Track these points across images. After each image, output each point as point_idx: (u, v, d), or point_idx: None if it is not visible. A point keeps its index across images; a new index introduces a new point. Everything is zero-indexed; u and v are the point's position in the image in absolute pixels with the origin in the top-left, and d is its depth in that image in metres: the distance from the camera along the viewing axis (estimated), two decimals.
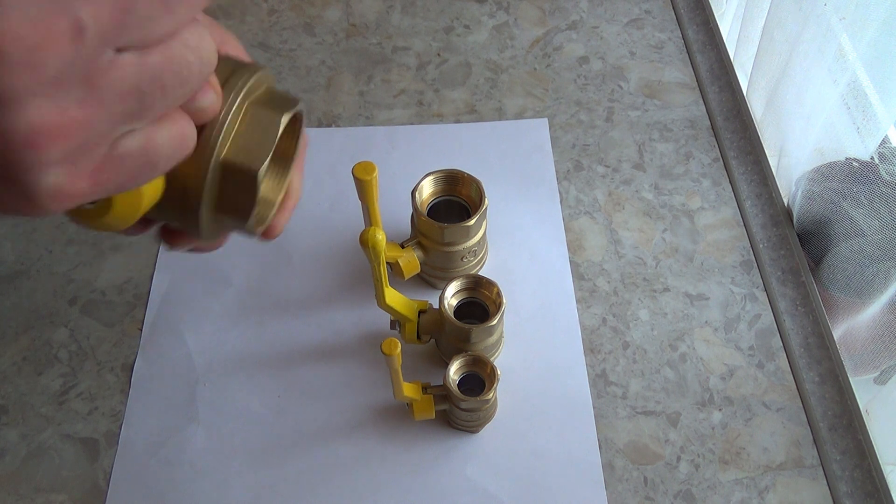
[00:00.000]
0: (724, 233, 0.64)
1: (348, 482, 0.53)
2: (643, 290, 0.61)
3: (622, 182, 0.68)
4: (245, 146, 0.32)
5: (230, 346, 0.59)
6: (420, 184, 0.56)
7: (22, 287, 0.62)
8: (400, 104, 0.73)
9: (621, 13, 0.80)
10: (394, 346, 0.44)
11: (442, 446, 0.54)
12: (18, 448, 0.55)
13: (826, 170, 0.64)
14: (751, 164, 0.69)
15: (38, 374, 0.58)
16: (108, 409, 0.56)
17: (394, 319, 0.54)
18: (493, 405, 0.53)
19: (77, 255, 0.64)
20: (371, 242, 0.44)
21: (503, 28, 0.79)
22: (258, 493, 0.53)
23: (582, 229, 0.65)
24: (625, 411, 0.56)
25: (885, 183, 0.60)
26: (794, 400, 0.56)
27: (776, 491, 0.53)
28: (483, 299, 0.54)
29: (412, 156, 0.69)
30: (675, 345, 0.59)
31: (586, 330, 0.59)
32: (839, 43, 0.59)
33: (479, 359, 0.52)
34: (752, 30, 0.74)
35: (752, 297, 0.61)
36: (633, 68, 0.76)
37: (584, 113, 0.72)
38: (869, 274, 0.62)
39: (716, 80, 0.75)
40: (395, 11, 0.80)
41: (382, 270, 0.48)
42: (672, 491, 0.53)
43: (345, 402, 0.56)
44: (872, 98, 0.60)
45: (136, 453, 0.54)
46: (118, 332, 0.60)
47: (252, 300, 0.61)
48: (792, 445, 0.54)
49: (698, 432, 0.55)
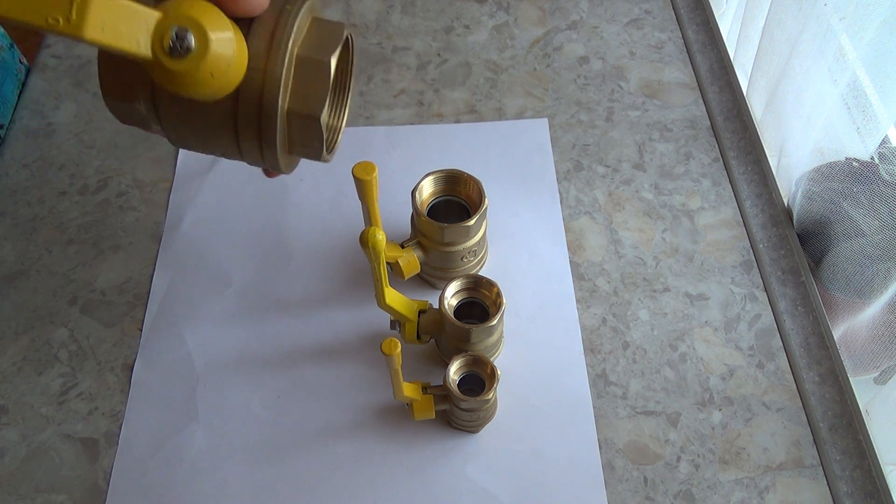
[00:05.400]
0: (724, 233, 0.64)
1: (348, 482, 0.53)
2: (643, 290, 0.61)
3: (622, 182, 0.68)
4: (304, 94, 0.36)
5: (230, 346, 0.59)
6: (420, 184, 0.56)
7: (22, 287, 0.62)
8: (400, 104, 0.73)
9: (621, 13, 0.80)
10: (394, 345, 0.44)
11: (442, 446, 0.54)
12: (18, 448, 0.55)
13: (826, 170, 0.64)
14: (751, 164, 0.69)
15: (38, 374, 0.58)
16: (108, 409, 0.56)
17: (394, 319, 0.54)
18: (493, 405, 0.53)
19: (77, 255, 0.64)
20: (371, 242, 0.44)
21: (503, 28, 0.79)
22: (258, 492, 0.53)
23: (582, 229, 0.65)
24: (625, 411, 0.56)
25: (885, 183, 0.60)
26: (794, 400, 0.56)
27: (776, 491, 0.53)
28: (483, 299, 0.54)
29: (412, 156, 0.69)
30: (675, 345, 0.59)
31: (586, 330, 0.59)
32: (839, 43, 0.59)
33: (479, 359, 0.52)
34: (752, 30, 0.74)
35: (752, 297, 0.61)
36: (633, 68, 0.76)
37: (584, 113, 0.72)
38: (869, 274, 0.62)
39: (716, 80, 0.75)
40: (395, 11, 0.80)
41: (382, 270, 0.48)
42: (672, 491, 0.53)
43: (345, 402, 0.56)
44: (872, 98, 0.60)
45: (136, 453, 0.54)
46: (118, 332, 0.60)
47: (252, 300, 0.61)
48: (792, 445, 0.54)
49: (698, 432, 0.55)
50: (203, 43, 0.32)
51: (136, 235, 0.65)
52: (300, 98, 0.37)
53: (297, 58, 0.37)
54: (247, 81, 0.36)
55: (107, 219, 0.66)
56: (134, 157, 0.69)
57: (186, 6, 0.32)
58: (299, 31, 0.37)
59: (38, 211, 0.66)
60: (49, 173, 0.68)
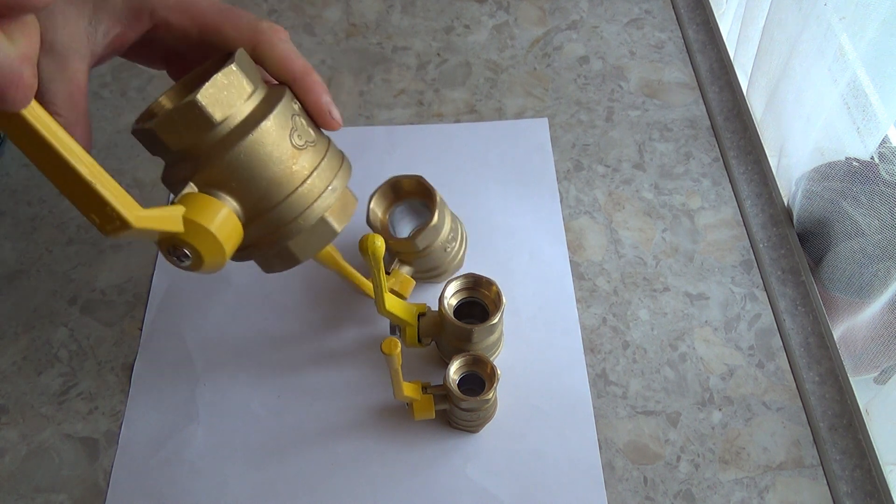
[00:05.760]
0: (724, 232, 0.64)
1: (348, 482, 0.53)
2: (643, 290, 0.61)
3: (622, 182, 0.68)
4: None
5: (230, 346, 0.59)
6: (369, 209, 0.56)
7: (22, 287, 0.62)
8: (400, 104, 0.73)
9: (621, 13, 0.80)
10: (394, 345, 0.44)
11: (442, 446, 0.54)
12: (18, 448, 0.55)
13: (826, 169, 0.64)
14: (751, 163, 0.69)
15: (38, 374, 0.58)
16: (108, 409, 0.56)
17: (394, 324, 0.54)
18: (493, 405, 0.53)
19: (77, 255, 0.64)
20: (371, 249, 0.44)
21: (503, 28, 0.79)
22: (258, 492, 0.53)
23: (582, 229, 0.65)
24: (625, 411, 0.56)
25: (885, 183, 0.60)
26: (794, 400, 0.56)
27: (776, 491, 0.53)
28: (482, 298, 0.54)
29: (412, 156, 0.69)
30: (675, 344, 0.59)
31: (586, 330, 0.59)
32: (839, 43, 0.59)
33: (479, 359, 0.52)
34: (752, 30, 0.74)
35: (752, 296, 0.61)
36: (633, 68, 0.76)
37: (584, 113, 0.72)
38: (869, 274, 0.62)
39: (716, 80, 0.75)
40: (395, 11, 0.80)
41: (382, 277, 0.48)
42: (672, 491, 0.53)
43: (345, 402, 0.56)
44: (872, 98, 0.60)
45: (136, 453, 0.54)
46: (118, 332, 0.60)
47: (252, 300, 0.61)
48: (792, 445, 0.54)
49: (698, 432, 0.55)
50: (198, 259, 0.39)
51: None
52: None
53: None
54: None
55: None
56: (134, 157, 0.69)
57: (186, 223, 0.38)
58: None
59: (38, 211, 0.66)
60: None
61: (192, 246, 0.38)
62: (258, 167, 0.40)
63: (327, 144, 0.44)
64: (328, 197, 0.43)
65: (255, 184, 0.40)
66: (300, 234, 0.42)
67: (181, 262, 0.39)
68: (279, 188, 0.41)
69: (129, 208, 0.34)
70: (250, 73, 0.41)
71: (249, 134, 0.39)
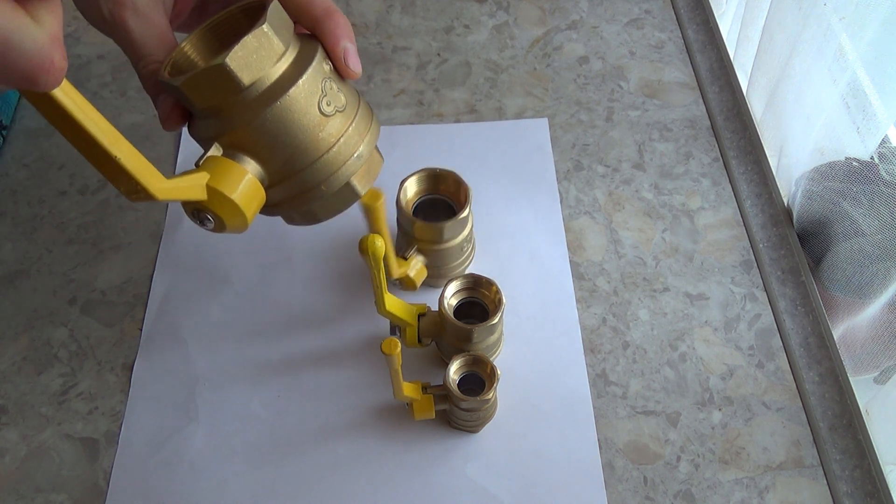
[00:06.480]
0: (724, 233, 0.64)
1: (348, 482, 0.53)
2: (643, 290, 0.61)
3: (622, 182, 0.68)
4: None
5: (230, 345, 0.59)
6: (400, 191, 0.56)
7: (22, 287, 0.62)
8: (400, 104, 0.73)
9: (621, 13, 0.80)
10: (394, 345, 0.44)
11: (442, 446, 0.54)
12: (18, 448, 0.55)
13: (826, 169, 0.64)
14: (751, 163, 0.69)
15: (38, 374, 0.58)
16: (108, 409, 0.56)
17: (394, 325, 0.54)
18: (493, 405, 0.53)
19: (77, 255, 0.64)
20: (371, 250, 0.44)
21: (503, 28, 0.79)
22: (257, 492, 0.53)
23: (582, 229, 0.65)
24: (625, 411, 0.56)
25: (885, 183, 0.60)
26: (794, 400, 0.56)
27: (776, 491, 0.53)
28: (482, 298, 0.54)
29: (412, 156, 0.69)
30: (675, 345, 0.59)
31: (586, 330, 0.59)
32: (839, 43, 0.59)
33: (479, 359, 0.52)
34: (752, 30, 0.74)
35: (752, 296, 0.61)
36: (633, 68, 0.76)
37: (584, 113, 0.72)
38: (869, 274, 0.62)
39: (716, 80, 0.75)
40: (395, 11, 0.80)
41: (382, 277, 0.48)
42: (672, 491, 0.53)
43: (344, 402, 0.56)
44: (872, 98, 0.60)
45: (136, 453, 0.54)
46: (118, 332, 0.60)
47: (252, 300, 0.61)
48: (792, 445, 0.54)
49: (698, 432, 0.55)
50: (220, 223, 0.39)
51: (136, 235, 0.65)
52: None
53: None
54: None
55: (107, 219, 0.66)
56: None
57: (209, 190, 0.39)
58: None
59: (38, 211, 0.66)
60: (49, 173, 0.68)
61: (215, 213, 0.39)
62: (284, 134, 0.39)
63: (357, 106, 0.43)
64: (354, 164, 0.42)
65: (279, 150, 0.39)
66: (323, 198, 0.42)
67: (204, 225, 0.40)
68: (304, 155, 0.40)
69: (154, 180, 0.35)
70: (282, 31, 0.39)
71: (277, 101, 0.38)
